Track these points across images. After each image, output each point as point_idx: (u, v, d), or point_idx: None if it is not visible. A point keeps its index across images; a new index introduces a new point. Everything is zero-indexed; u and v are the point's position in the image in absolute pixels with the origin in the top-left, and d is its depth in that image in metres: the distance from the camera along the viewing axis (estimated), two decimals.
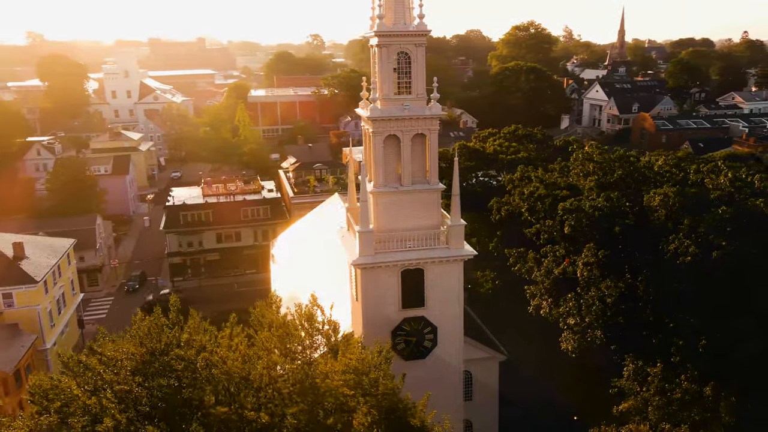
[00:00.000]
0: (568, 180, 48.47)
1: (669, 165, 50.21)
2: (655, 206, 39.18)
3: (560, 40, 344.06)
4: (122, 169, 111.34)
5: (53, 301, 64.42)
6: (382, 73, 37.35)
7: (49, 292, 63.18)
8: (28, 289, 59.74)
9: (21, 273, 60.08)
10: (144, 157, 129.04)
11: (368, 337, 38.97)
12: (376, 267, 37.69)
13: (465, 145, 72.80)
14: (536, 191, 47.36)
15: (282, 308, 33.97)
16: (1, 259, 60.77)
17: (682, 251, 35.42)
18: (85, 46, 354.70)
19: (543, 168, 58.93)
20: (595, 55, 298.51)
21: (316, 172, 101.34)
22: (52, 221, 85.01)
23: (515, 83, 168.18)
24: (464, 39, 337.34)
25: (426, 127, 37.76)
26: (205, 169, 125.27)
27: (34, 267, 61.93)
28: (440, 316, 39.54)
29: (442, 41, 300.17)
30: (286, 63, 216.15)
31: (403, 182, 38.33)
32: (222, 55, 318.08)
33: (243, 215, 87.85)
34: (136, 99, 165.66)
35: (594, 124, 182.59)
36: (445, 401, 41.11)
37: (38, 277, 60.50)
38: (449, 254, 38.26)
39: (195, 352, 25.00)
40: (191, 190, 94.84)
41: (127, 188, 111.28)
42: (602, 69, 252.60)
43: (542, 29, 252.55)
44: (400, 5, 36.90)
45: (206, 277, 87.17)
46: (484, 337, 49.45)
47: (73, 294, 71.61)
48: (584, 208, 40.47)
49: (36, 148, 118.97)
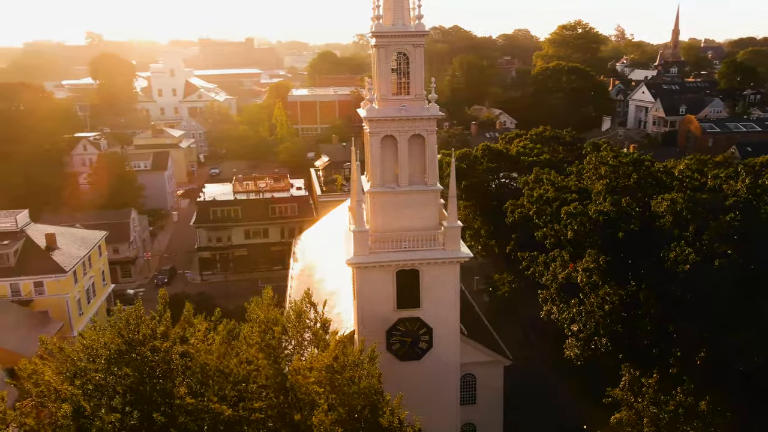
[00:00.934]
0: (581, 183, 47.41)
1: (691, 170, 48.53)
2: (661, 212, 37.92)
3: (611, 39, 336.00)
4: (161, 165, 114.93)
5: (82, 290, 67.16)
6: (380, 73, 37.54)
7: (78, 281, 65.91)
8: (58, 278, 62.48)
9: (52, 263, 62.89)
10: (184, 153, 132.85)
11: (364, 336, 39.31)
12: (371, 266, 37.89)
13: (488, 146, 72.03)
14: (545, 194, 46.52)
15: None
16: (33, 249, 63.79)
17: (681, 259, 34.17)
18: (140, 46, 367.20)
19: (564, 171, 57.87)
20: (646, 55, 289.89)
21: (345, 171, 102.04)
22: (90, 214, 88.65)
23: (556, 83, 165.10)
24: (511, 39, 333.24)
25: (424, 128, 37.71)
26: (242, 167, 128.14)
27: (65, 257, 64.70)
28: (436, 318, 39.43)
29: (487, 41, 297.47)
30: (328, 62, 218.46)
31: (400, 183, 38.40)
32: (269, 55, 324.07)
33: (271, 212, 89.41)
34: (181, 97, 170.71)
35: (639, 126, 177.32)
36: (442, 403, 41.13)
37: (68, 267, 63.18)
38: (444, 256, 38.11)
39: (170, 344, 25.80)
40: (224, 187, 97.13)
41: (166, 184, 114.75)
42: (652, 69, 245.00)
43: (590, 28, 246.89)
44: (399, 6, 36.98)
45: (234, 272, 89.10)
46: (490, 340, 48.96)
47: (104, 284, 74.41)
48: (588, 213, 39.53)
49: (83, 143, 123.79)
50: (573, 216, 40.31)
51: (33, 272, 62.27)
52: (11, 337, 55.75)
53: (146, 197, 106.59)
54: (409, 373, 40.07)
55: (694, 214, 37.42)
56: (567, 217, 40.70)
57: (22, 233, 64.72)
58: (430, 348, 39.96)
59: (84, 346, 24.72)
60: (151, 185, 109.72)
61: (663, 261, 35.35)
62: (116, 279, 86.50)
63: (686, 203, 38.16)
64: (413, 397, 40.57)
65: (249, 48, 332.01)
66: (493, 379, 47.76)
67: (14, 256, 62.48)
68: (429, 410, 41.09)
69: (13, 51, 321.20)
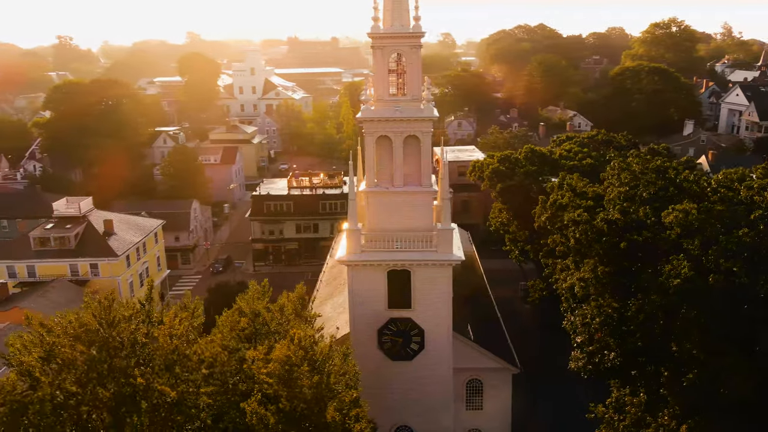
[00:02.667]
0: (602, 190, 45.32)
1: (730, 180, 45.23)
2: (668, 223, 35.67)
3: (715, 38, 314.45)
4: (230, 160, 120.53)
5: (135, 274, 72.13)
6: (377, 74, 37.93)
7: (131, 265, 70.87)
8: (111, 261, 67.56)
9: (106, 247, 68.07)
10: (255, 149, 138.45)
11: (356, 333, 40.01)
12: (362, 265, 38.41)
13: (532, 148, 70.23)
14: (559, 200, 44.92)
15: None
16: (92, 233, 69.29)
17: (674, 273, 31.98)
18: (235, 45, 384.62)
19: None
20: (751, 54, 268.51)
21: None
22: (157, 203, 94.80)
23: (636, 84, 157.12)
24: (602, 38, 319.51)
25: (418, 129, 37.68)
26: (309, 163, 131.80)
27: (119, 243, 69.78)
28: (428, 320, 39.36)
29: (575, 40, 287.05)
30: None
31: (395, 183, 38.61)
32: (353, 54, 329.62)
33: (321, 208, 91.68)
34: (260, 95, 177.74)
35: (733, 131, 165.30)
36: (435, 406, 40.98)
37: (120, 251, 68.13)
38: (435, 258, 37.98)
39: (135, 326, 27.67)
40: (281, 182, 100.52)
41: (233, 177, 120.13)
42: (756, 70, 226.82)
43: (686, 26, 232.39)
44: (398, 8, 37.12)
45: (285, 265, 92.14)
46: (501, 347, 47.98)
47: (159, 270, 79.40)
48: (592, 221, 37.85)
49: (162, 137, 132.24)
50: (576, 223, 38.78)
51: (90, 255, 67.71)
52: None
53: (213, 189, 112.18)
54: (401, 374, 40.26)
55: (705, 227, 34.97)
56: (571, 224, 39.21)
57: (84, 218, 70.45)
58: (421, 349, 39.91)
59: (56, 323, 27.04)
60: (219, 178, 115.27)
61: (659, 274, 33.30)
62: (176, 265, 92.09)
63: (700, 215, 35.72)
64: (406, 398, 40.98)
65: (334, 47, 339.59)
66: (501, 386, 46.77)
67: (75, 239, 68.14)
68: (423, 412, 41.26)
69: (122, 49, 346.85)
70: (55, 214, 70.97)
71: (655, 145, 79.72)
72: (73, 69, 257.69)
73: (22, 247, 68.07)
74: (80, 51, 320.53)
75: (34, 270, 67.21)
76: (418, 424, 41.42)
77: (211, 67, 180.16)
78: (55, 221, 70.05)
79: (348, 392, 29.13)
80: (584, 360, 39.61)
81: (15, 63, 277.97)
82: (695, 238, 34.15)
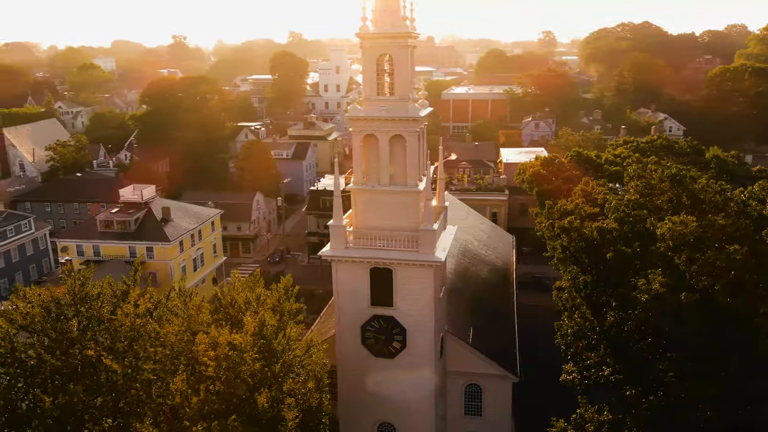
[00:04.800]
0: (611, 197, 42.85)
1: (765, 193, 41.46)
2: (660, 235, 33.25)
3: None
4: (301, 155, 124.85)
5: (188, 259, 77.06)
6: (365, 74, 38.40)
7: (184, 251, 75.80)
8: (164, 246, 72.67)
9: (161, 232, 73.29)
10: (329, 145, 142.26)
11: (341, 328, 40.91)
12: (345, 261, 39.16)
13: (579, 152, 67.43)
14: (562, 206, 42.94)
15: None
16: (151, 219, 74.85)
17: (645, 288, 29.72)
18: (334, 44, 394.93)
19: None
20: None
21: (459, 171, 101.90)
22: (224, 194, 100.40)
23: (737, 87, 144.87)
24: (719, 36, 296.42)
25: (403, 129, 37.79)
26: None
27: (174, 229, 74.87)
28: (410, 319, 39.40)
29: (685, 38, 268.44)
30: (495, 60, 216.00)
31: (381, 182, 38.99)
32: (449, 53, 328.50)
33: None
34: (344, 93, 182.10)
35: None
36: (415, 405, 41.03)
37: (173, 237, 73.11)
38: (415, 258, 37.95)
39: (99, 305, 30.25)
40: (341, 178, 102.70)
41: (303, 172, 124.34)
42: None
43: None
44: (388, 9, 37.37)
45: None
46: (503, 354, 46.86)
47: (214, 257, 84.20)
48: (580, 229, 35.99)
49: (245, 131, 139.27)
50: (566, 231, 37.07)
51: (146, 238, 73.23)
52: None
53: (283, 183, 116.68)
54: (384, 371, 40.58)
55: (701, 242, 32.33)
56: (560, 231, 37.54)
57: (145, 205, 76.21)
58: (403, 348, 40.01)
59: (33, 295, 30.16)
60: (289, 173, 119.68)
61: (634, 288, 31.17)
62: (237, 254, 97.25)
63: (698, 229, 33.10)
64: (388, 396, 41.33)
65: (430, 46, 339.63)
66: (501, 393, 45.79)
67: (135, 224, 73.95)
68: (405, 411, 41.44)
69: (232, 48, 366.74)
70: (121, 200, 77.30)
71: (724, 153, 73.82)
72: (184, 66, 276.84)
73: (91, 229, 74.88)
74: (192, 49, 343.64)
75: (99, 250, 73.71)
76: (399, 423, 41.59)
77: (299, 66, 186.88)
78: (121, 206, 76.33)
79: (293, 382, 30.03)
80: (575, 373, 37.98)
81: (135, 60, 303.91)
82: (683, 253, 31.72)
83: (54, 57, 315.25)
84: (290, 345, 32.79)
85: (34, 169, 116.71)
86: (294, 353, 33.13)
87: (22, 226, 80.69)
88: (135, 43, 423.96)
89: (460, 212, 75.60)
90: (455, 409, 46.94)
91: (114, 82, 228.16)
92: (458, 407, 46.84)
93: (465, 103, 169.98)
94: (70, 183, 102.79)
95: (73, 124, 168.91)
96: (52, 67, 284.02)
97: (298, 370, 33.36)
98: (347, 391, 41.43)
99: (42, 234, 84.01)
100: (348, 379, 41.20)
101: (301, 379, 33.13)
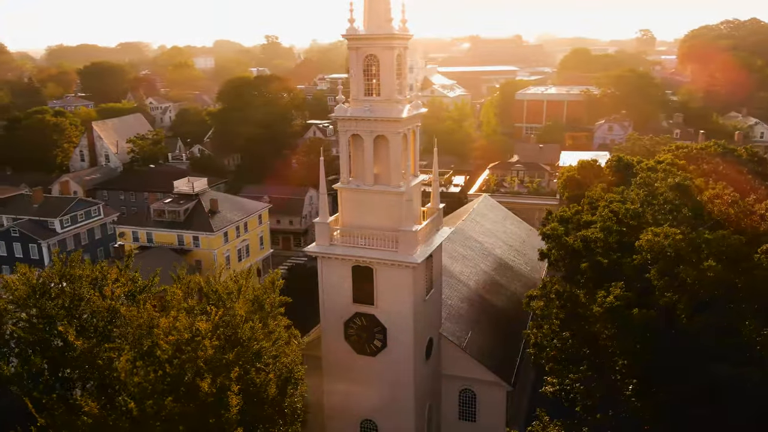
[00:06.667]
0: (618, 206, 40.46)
1: None
2: (638, 246, 31.27)
3: None
4: None
5: (233, 249, 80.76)
6: (353, 74, 38.96)
7: (229, 241, 79.53)
8: (209, 236, 76.64)
9: (207, 223, 77.34)
10: None
11: (326, 323, 41.86)
12: (327, 258, 39.95)
13: (619, 157, 64.14)
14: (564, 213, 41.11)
15: None
16: (199, 210, 79.14)
17: (600, 301, 27.94)
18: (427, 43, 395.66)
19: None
20: None
21: (512, 173, 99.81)
22: (279, 189, 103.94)
23: None
24: None
25: (386, 129, 38.05)
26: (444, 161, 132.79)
27: (220, 220, 78.77)
28: (390, 319, 39.60)
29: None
30: (579, 60, 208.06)
31: (366, 181, 39.42)
32: (536, 52, 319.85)
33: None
34: (416, 92, 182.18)
35: None
36: (396, 405, 41.26)
37: (217, 228, 76.95)
38: (393, 258, 38.10)
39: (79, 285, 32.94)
40: None
41: None
42: None
43: None
44: (375, 10, 37.73)
45: None
46: (501, 361, 45.92)
47: (261, 249, 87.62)
48: (561, 237, 34.43)
49: (312, 129, 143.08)
50: (548, 238, 35.65)
51: (193, 228, 77.51)
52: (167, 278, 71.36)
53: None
54: (366, 368, 41.00)
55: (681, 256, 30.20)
56: (543, 238, 36.14)
57: (195, 197, 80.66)
58: (384, 347, 40.27)
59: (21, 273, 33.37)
60: None
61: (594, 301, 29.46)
62: (289, 247, 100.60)
63: (682, 242, 30.96)
64: (371, 393, 41.86)
65: (517, 45, 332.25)
66: (495, 400, 45.03)
67: (184, 214, 78.45)
68: (386, 409, 41.78)
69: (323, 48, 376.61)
70: (174, 191, 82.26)
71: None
72: (273, 65, 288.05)
73: (145, 217, 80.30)
74: (284, 49, 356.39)
75: (152, 237, 78.88)
76: (381, 421, 41.88)
77: None
78: (174, 197, 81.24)
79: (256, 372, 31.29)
80: (553, 386, 36.69)
81: (231, 59, 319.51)
82: (656, 266, 29.81)
83: (159, 56, 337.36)
84: (256, 336, 33.96)
85: (117, 160, 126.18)
86: (261, 344, 34.29)
87: (91, 211, 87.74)
88: (234, 42, 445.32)
89: (496, 215, 74.29)
90: (450, 413, 46.62)
91: (204, 80, 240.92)
92: (453, 412, 46.49)
93: (539, 103, 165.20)
94: (143, 174, 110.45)
95: (161, 119, 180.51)
96: (155, 65, 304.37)
97: (267, 360, 34.53)
98: (332, 386, 42.22)
99: (110, 219, 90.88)
100: (332, 374, 41.98)
101: (268, 369, 34.25)
